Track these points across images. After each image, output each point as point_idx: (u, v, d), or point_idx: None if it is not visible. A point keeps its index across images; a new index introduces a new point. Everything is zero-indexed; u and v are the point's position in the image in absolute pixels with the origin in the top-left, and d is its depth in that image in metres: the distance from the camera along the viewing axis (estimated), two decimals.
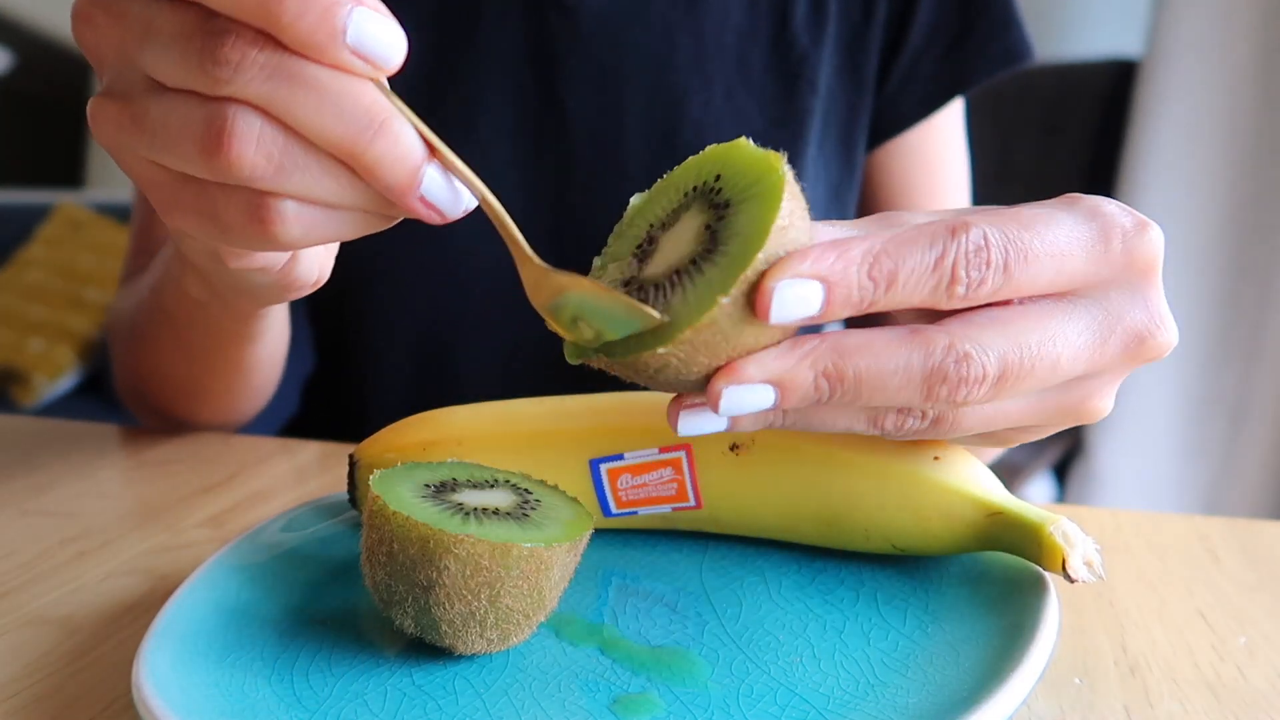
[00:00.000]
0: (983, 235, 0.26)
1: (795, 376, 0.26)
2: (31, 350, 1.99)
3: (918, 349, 0.26)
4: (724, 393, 0.26)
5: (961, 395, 0.26)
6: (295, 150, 0.26)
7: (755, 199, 0.25)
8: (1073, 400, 0.30)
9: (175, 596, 0.32)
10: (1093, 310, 0.28)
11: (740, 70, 0.60)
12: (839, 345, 0.26)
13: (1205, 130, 1.50)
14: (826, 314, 0.25)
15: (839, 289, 0.25)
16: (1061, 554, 0.31)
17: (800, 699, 0.28)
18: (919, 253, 0.25)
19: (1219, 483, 1.59)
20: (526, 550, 0.28)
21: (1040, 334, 0.27)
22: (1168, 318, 0.29)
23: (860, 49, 0.63)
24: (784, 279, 0.24)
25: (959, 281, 0.26)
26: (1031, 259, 0.26)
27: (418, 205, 0.27)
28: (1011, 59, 0.63)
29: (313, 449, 0.56)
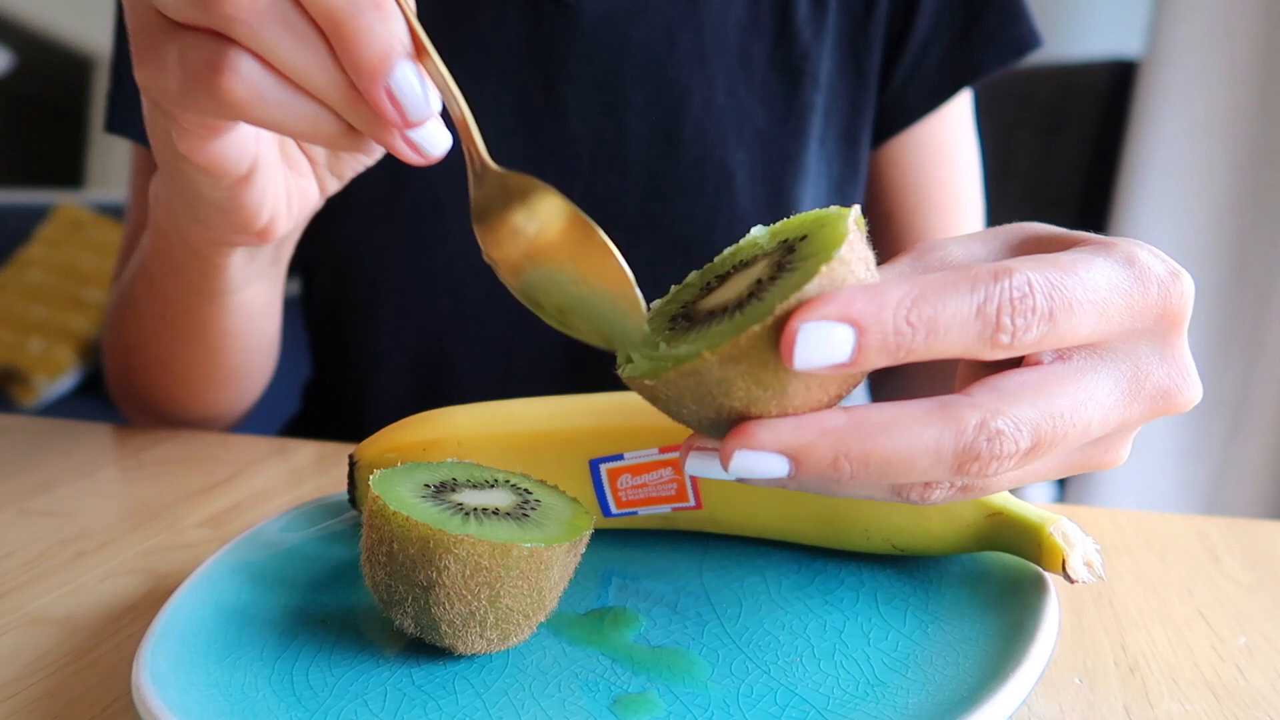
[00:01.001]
0: (1027, 281, 0.24)
1: (812, 453, 0.24)
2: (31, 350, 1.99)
3: (949, 428, 0.24)
4: (734, 455, 0.24)
5: (993, 470, 0.25)
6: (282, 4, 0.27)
7: (815, 253, 0.24)
8: (1095, 454, 0.29)
9: (175, 596, 0.32)
10: (1122, 366, 0.27)
11: (742, 67, 0.60)
12: (863, 424, 0.24)
13: (1205, 130, 1.50)
14: (858, 361, 0.23)
15: (872, 334, 0.23)
16: (1061, 554, 0.31)
17: (800, 699, 0.28)
18: (961, 297, 0.24)
19: (1219, 483, 1.59)
20: (526, 550, 0.28)
21: (1072, 399, 0.25)
22: (1192, 372, 0.28)
23: (863, 42, 0.62)
24: (809, 320, 0.23)
25: (1004, 330, 0.24)
26: (1075, 307, 0.25)
27: (382, 96, 0.27)
28: (1020, 49, 0.63)
29: (312, 449, 0.56)
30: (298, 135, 0.30)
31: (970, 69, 0.63)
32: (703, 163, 0.60)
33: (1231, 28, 1.47)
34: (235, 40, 0.28)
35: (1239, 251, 1.51)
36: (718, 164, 0.60)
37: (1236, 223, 1.51)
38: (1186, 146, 1.51)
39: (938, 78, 0.63)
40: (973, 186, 0.68)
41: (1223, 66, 1.48)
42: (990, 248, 0.30)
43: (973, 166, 0.68)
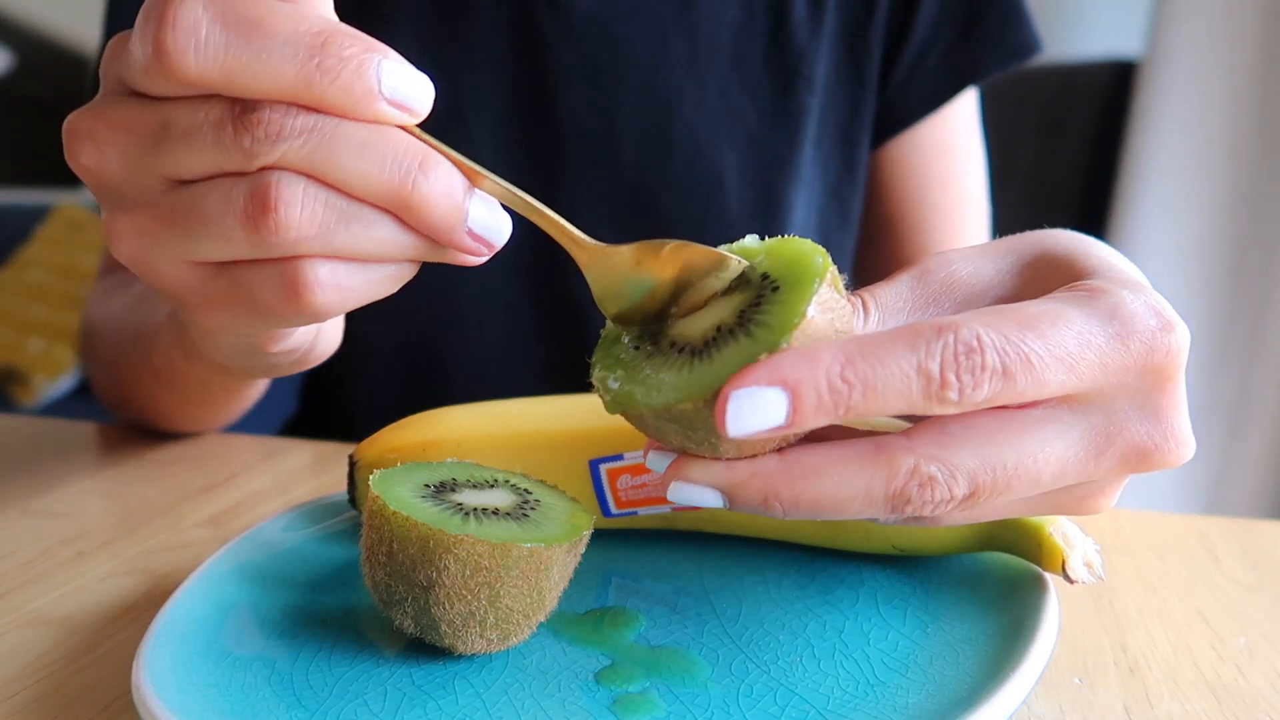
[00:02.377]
0: (975, 336, 0.23)
1: (742, 493, 0.25)
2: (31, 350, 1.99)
3: (879, 473, 0.24)
4: (671, 486, 0.26)
5: (927, 512, 0.25)
6: (339, 205, 0.26)
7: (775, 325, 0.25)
8: (1065, 502, 0.28)
9: (175, 596, 0.32)
10: (1091, 419, 0.26)
11: (735, 68, 0.60)
12: (792, 467, 0.24)
13: (1205, 130, 1.50)
14: (795, 422, 0.23)
15: (806, 395, 0.23)
16: (1061, 555, 0.31)
17: (800, 699, 0.28)
18: (898, 356, 0.23)
19: (1219, 483, 1.59)
20: (526, 550, 0.28)
21: (1021, 450, 0.25)
22: (1180, 430, 0.26)
23: (861, 44, 0.62)
24: (740, 387, 0.23)
25: (949, 386, 0.23)
26: (1036, 363, 0.24)
27: (466, 239, 0.27)
28: (1021, 52, 0.63)
29: (312, 449, 0.56)
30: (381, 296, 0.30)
31: (970, 70, 0.63)
32: (693, 164, 0.59)
33: (1231, 28, 1.47)
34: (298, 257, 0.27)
35: (1239, 251, 1.51)
36: (708, 165, 0.60)
37: (1236, 223, 1.51)
38: (1186, 146, 1.51)
39: (938, 78, 0.63)
40: (977, 187, 0.67)
41: (1223, 66, 1.48)
42: (1000, 265, 0.29)
43: (977, 167, 0.68)
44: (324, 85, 0.25)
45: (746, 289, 0.27)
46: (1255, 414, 1.52)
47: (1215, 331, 1.54)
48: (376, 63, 0.25)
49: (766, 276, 0.26)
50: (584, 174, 0.60)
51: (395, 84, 0.26)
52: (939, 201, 0.66)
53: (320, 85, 0.25)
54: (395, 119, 0.26)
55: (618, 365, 0.27)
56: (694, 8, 0.59)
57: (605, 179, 0.60)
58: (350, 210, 0.26)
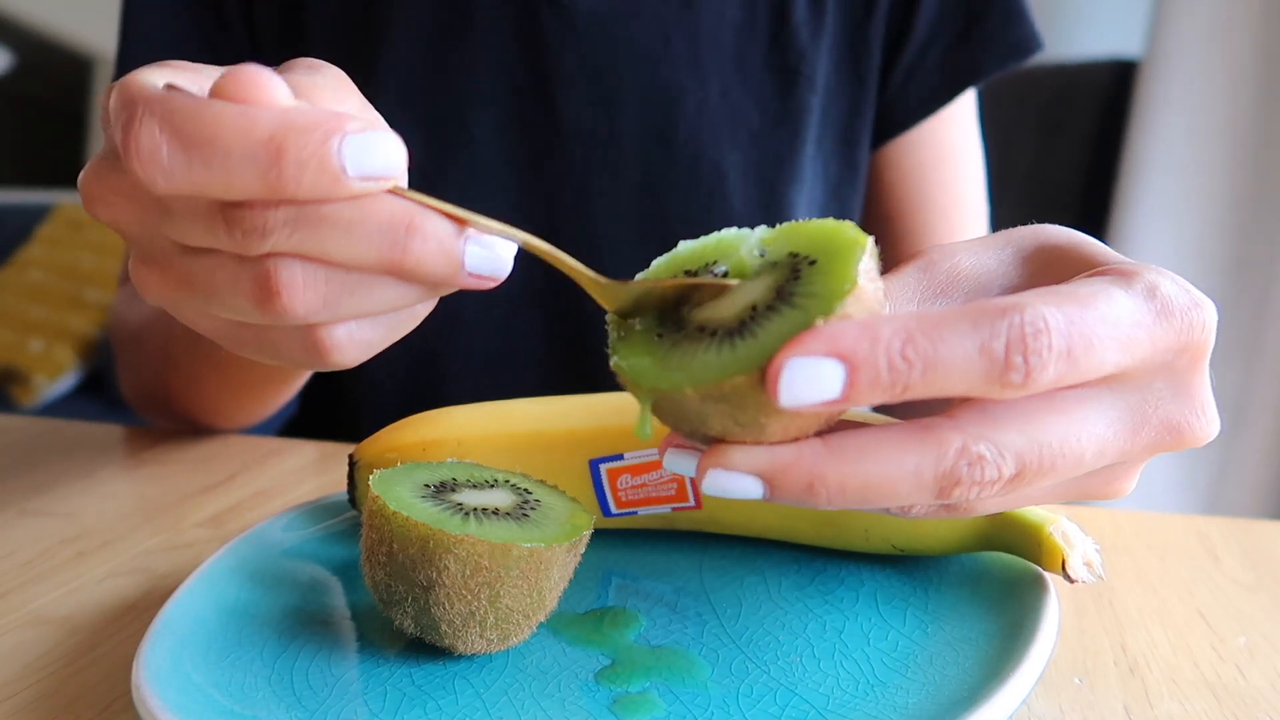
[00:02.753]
0: (1041, 317, 0.23)
1: (787, 478, 0.24)
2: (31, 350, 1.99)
3: (928, 453, 0.23)
4: (709, 475, 0.24)
5: (973, 495, 0.24)
6: (339, 280, 0.27)
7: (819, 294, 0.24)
8: (1095, 484, 0.28)
9: (175, 596, 0.32)
10: (1129, 399, 0.26)
11: (737, 68, 0.60)
12: (840, 450, 0.24)
13: (1205, 130, 1.50)
14: (849, 397, 0.22)
15: (864, 371, 0.22)
16: (1061, 554, 0.31)
17: (800, 699, 0.28)
18: (961, 335, 0.22)
19: (1219, 483, 1.59)
20: (526, 550, 0.28)
21: (1065, 430, 0.24)
22: (1210, 407, 0.27)
23: (861, 44, 0.62)
24: (795, 356, 0.22)
25: (1014, 369, 0.23)
26: (1097, 344, 0.23)
27: (469, 280, 0.27)
28: (1021, 51, 0.62)
29: (313, 449, 0.56)
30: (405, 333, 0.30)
31: (970, 71, 0.63)
32: (696, 163, 0.60)
33: (1231, 28, 1.47)
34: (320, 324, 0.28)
35: (1239, 252, 1.51)
36: (711, 165, 0.60)
37: (1236, 223, 1.51)
38: (1186, 146, 1.51)
39: (937, 79, 0.63)
40: (976, 188, 0.67)
41: (1223, 66, 1.48)
42: (1001, 256, 0.29)
43: (976, 168, 0.68)
44: (292, 187, 0.24)
45: (774, 270, 0.25)
46: (1255, 414, 1.52)
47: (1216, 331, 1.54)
48: (337, 148, 0.24)
49: (795, 255, 0.25)
50: (587, 174, 0.60)
51: (362, 161, 0.25)
52: (938, 202, 0.66)
53: (288, 188, 0.24)
54: (371, 192, 0.26)
55: (644, 353, 0.26)
56: (695, 7, 0.59)
57: (608, 179, 0.60)
58: (352, 281, 0.27)
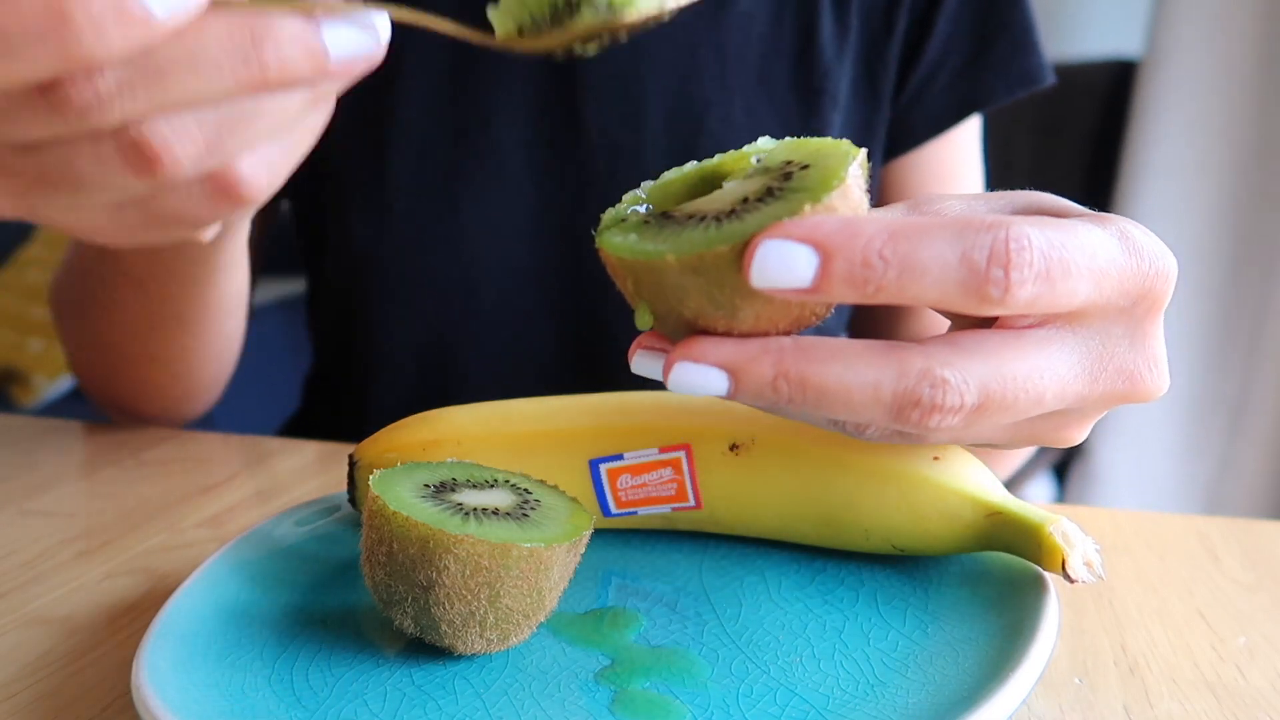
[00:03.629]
0: (1025, 234, 0.23)
1: (752, 371, 0.24)
2: (31, 350, 1.99)
3: (890, 367, 0.24)
4: (675, 368, 0.24)
5: (933, 422, 0.24)
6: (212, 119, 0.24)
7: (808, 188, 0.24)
8: (1047, 428, 0.28)
9: (175, 596, 0.32)
10: (1090, 343, 0.26)
11: (762, 84, 0.60)
12: (806, 349, 0.24)
13: (1205, 130, 1.50)
14: (821, 287, 0.22)
15: (838, 261, 0.22)
16: (1061, 554, 0.31)
17: (800, 699, 0.28)
18: (944, 241, 0.23)
19: (1219, 483, 1.59)
20: (526, 550, 0.28)
21: (1029, 365, 0.25)
22: (1162, 362, 0.27)
23: (879, 62, 0.62)
24: (772, 237, 0.22)
25: (993, 282, 0.23)
26: (1074, 272, 0.24)
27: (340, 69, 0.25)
28: (1028, 81, 0.62)
29: (313, 449, 0.56)
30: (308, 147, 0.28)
31: (976, 97, 0.62)
32: None
33: (1231, 28, 1.47)
34: None
35: (1239, 251, 1.51)
36: None
37: (1236, 223, 1.51)
38: (1186, 146, 1.51)
39: (943, 102, 0.63)
40: None
41: (1223, 66, 1.48)
42: (993, 206, 0.29)
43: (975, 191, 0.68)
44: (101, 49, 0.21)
45: (768, 173, 0.26)
46: (1255, 414, 1.52)
47: (1215, 331, 1.54)
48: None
49: (790, 162, 0.26)
50: (611, 186, 0.59)
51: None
52: None
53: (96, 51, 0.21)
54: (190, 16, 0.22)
55: (632, 230, 0.26)
56: (723, 23, 0.59)
57: None
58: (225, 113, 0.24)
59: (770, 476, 0.36)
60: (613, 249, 0.26)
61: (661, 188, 0.28)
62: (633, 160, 0.59)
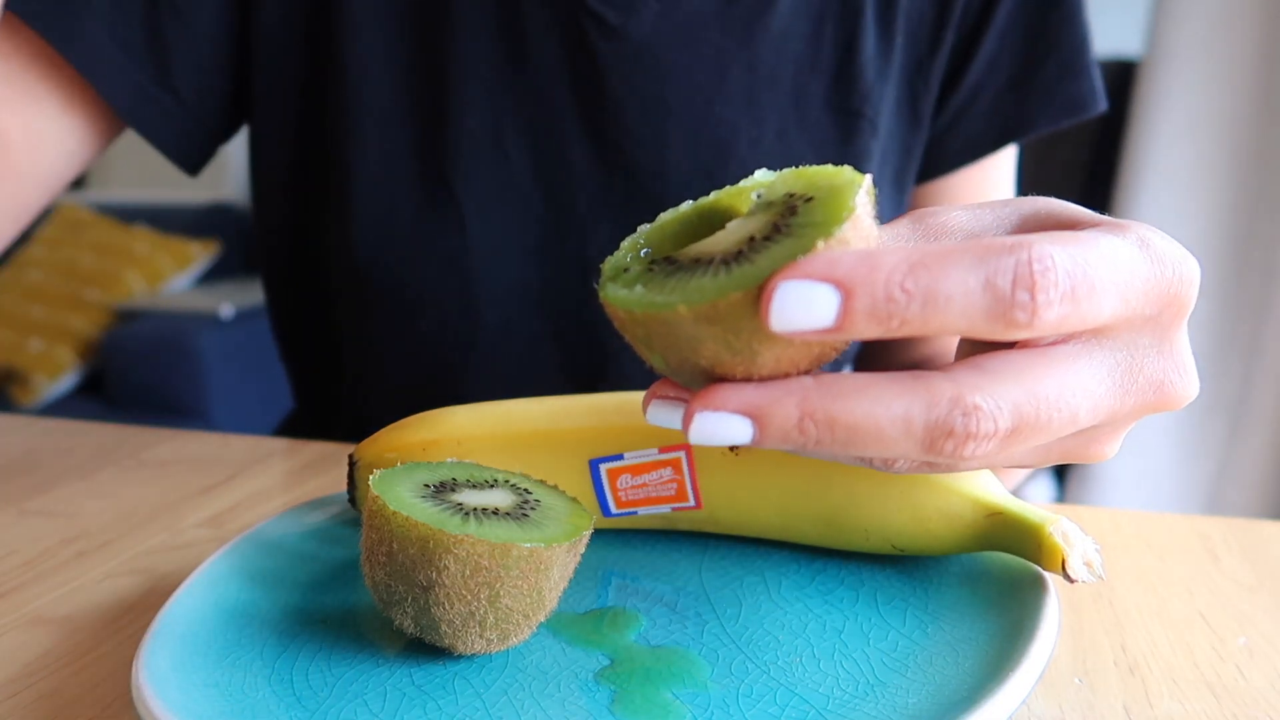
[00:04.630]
0: (1048, 255, 0.22)
1: (777, 414, 0.23)
2: (31, 350, 1.99)
3: (919, 399, 0.23)
4: (696, 419, 0.23)
5: (968, 450, 0.23)
6: None
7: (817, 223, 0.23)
8: (1081, 445, 0.27)
9: (175, 596, 0.32)
10: (1119, 355, 0.25)
11: (796, 107, 0.56)
12: (831, 386, 0.23)
13: (1205, 130, 1.50)
14: (844, 326, 0.22)
15: (860, 298, 0.21)
16: (1061, 554, 0.31)
17: (800, 699, 0.28)
18: (965, 269, 0.22)
19: (1219, 483, 1.59)
20: (526, 550, 0.28)
21: (1061, 384, 0.24)
22: (1191, 367, 0.27)
23: (922, 82, 0.58)
24: (790, 279, 0.21)
25: (1019, 306, 0.22)
26: (1099, 288, 0.23)
27: None
28: (1077, 108, 0.58)
29: (313, 449, 0.56)
30: None
31: (1019, 123, 0.58)
32: None
33: (1231, 28, 1.47)
34: None
35: (1239, 252, 1.51)
36: None
37: (1236, 223, 1.51)
38: (1186, 146, 1.51)
39: (981, 127, 0.59)
40: None
41: (1223, 66, 1.48)
42: (999, 216, 0.28)
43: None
44: None
45: (771, 209, 0.25)
46: (1255, 414, 1.52)
47: (1215, 331, 1.54)
48: None
49: (792, 194, 0.25)
50: (627, 209, 0.57)
51: None
52: None
53: None
54: None
55: (637, 282, 0.25)
56: (757, 40, 0.55)
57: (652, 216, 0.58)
58: None
59: (770, 476, 0.36)
60: (620, 303, 0.24)
61: (659, 230, 0.27)
62: (653, 184, 0.56)
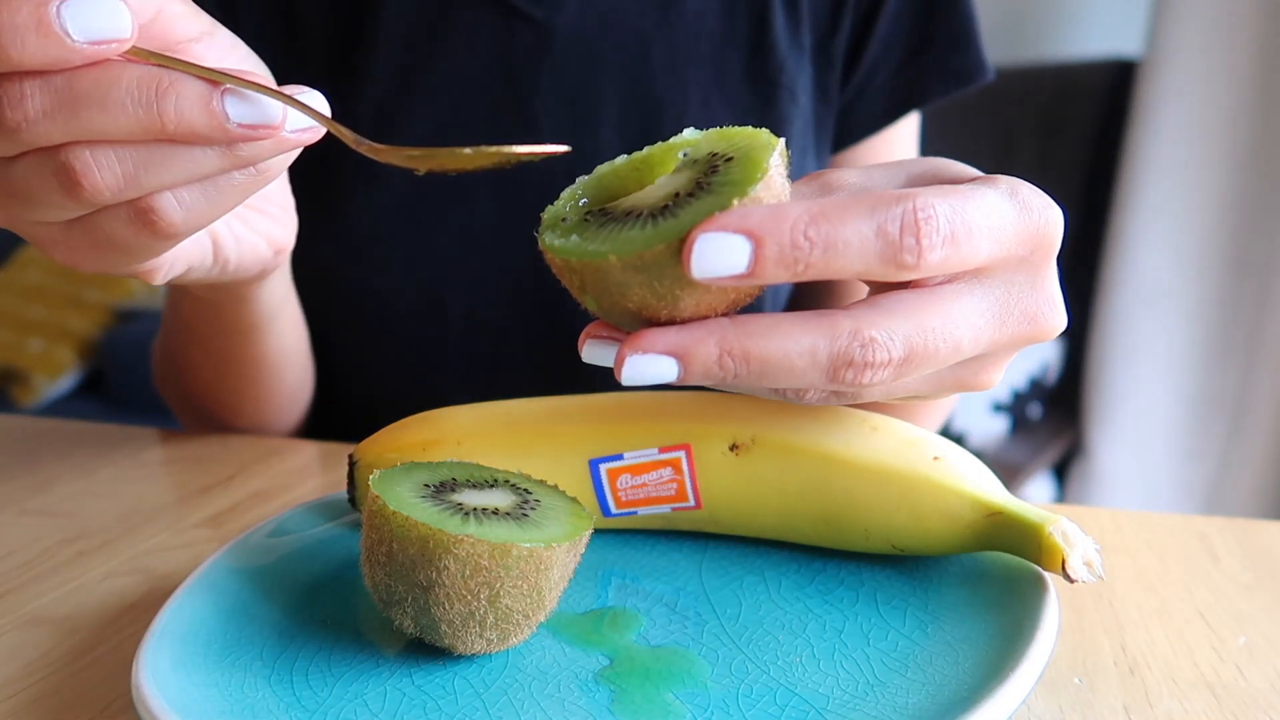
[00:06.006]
0: (929, 204, 0.26)
1: (698, 352, 0.26)
2: (31, 350, 1.99)
3: (823, 332, 0.26)
4: (626, 361, 0.26)
5: (866, 378, 0.26)
6: (130, 154, 0.28)
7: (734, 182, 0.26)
8: (966, 374, 0.31)
9: (175, 596, 0.32)
10: (995, 292, 0.28)
11: (717, 79, 0.60)
12: (745, 325, 0.26)
13: (1205, 130, 1.50)
14: (756, 272, 0.25)
15: (769, 246, 0.24)
16: (1061, 554, 0.31)
17: (800, 699, 0.28)
18: (860, 218, 0.25)
19: (1219, 483, 1.59)
20: (526, 550, 0.28)
21: (944, 317, 0.27)
22: (1058, 301, 0.30)
23: (825, 59, 0.63)
24: (708, 231, 0.24)
25: (908, 250, 0.25)
26: (975, 231, 0.26)
27: (240, 133, 0.28)
28: (965, 79, 0.63)
29: (313, 449, 0.56)
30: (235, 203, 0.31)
31: (914, 95, 0.63)
32: None
33: (1231, 28, 1.47)
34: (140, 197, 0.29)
35: (1239, 251, 1.51)
36: None
37: (1236, 223, 1.51)
38: (1186, 146, 1.51)
39: (883, 100, 0.64)
40: None
41: (1223, 66, 1.48)
42: (889, 174, 0.31)
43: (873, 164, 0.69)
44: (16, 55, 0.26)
45: (695, 166, 0.28)
46: (1255, 414, 1.52)
47: (1215, 331, 1.54)
48: (55, 12, 0.26)
49: (715, 154, 0.27)
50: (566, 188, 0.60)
51: (86, 24, 0.26)
52: None
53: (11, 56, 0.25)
54: (105, 55, 0.26)
55: (573, 231, 0.28)
56: (673, 20, 0.59)
57: None
58: (144, 153, 0.28)
59: (770, 476, 0.36)
60: (556, 251, 0.27)
61: (596, 181, 0.30)
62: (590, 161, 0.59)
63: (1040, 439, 1.57)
